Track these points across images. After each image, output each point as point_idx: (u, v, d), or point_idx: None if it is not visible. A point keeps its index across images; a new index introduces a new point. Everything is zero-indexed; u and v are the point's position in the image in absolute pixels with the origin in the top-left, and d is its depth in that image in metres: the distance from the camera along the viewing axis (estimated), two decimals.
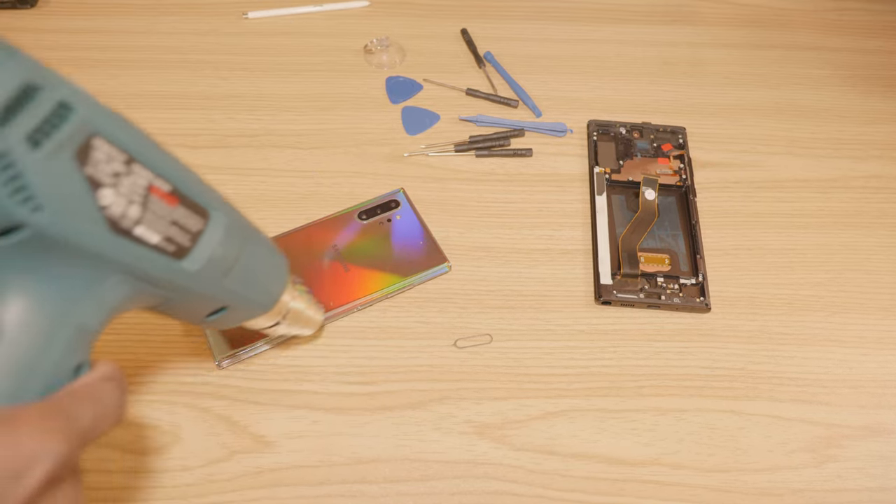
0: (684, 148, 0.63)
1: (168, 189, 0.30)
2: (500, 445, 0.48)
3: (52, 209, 0.24)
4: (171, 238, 0.30)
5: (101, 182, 0.26)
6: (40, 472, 0.20)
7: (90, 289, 0.27)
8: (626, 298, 0.54)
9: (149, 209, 0.28)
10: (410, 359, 0.51)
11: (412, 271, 0.54)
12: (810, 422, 0.50)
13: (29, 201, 0.23)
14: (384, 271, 0.54)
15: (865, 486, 0.48)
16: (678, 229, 0.58)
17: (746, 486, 0.47)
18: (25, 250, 0.25)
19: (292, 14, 0.72)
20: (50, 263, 0.26)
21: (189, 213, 0.31)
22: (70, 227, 0.25)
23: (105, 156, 0.26)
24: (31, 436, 0.20)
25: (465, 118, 0.64)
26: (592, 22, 0.74)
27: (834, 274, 0.57)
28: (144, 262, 0.29)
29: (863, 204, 0.62)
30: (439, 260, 0.55)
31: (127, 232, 0.28)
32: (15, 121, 0.23)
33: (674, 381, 0.51)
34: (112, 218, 0.27)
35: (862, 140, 0.66)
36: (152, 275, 0.30)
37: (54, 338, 0.26)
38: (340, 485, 0.46)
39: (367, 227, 0.56)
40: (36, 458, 0.20)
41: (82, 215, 0.25)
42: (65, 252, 0.26)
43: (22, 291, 0.26)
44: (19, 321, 0.26)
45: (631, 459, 0.48)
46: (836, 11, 0.77)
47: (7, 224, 0.24)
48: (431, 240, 0.56)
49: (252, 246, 0.35)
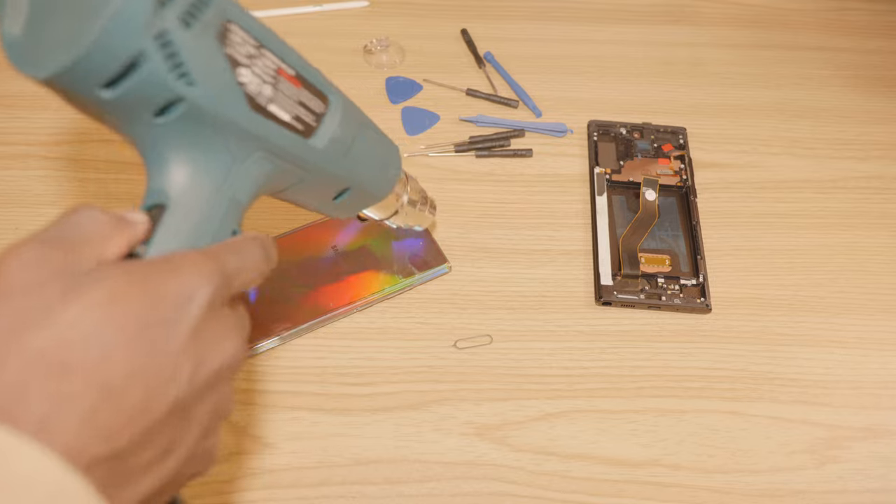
0: (685, 148, 0.63)
1: (293, 73, 0.33)
2: (500, 446, 0.48)
3: (204, 84, 0.27)
4: (299, 117, 0.33)
5: (238, 62, 0.29)
6: (202, 297, 0.26)
7: (238, 163, 0.31)
8: (627, 299, 0.54)
9: (279, 89, 0.31)
10: (410, 360, 0.51)
11: (412, 272, 0.54)
12: (811, 423, 0.50)
13: (185, 76, 0.26)
14: (384, 272, 0.54)
15: (866, 487, 0.48)
16: (679, 230, 0.58)
17: (747, 487, 0.47)
18: (183, 126, 0.28)
19: (291, 14, 0.72)
20: (204, 138, 0.29)
21: (311, 97, 0.34)
22: (219, 101, 0.28)
23: (240, 39, 0.29)
24: (190, 272, 0.26)
25: (465, 118, 0.64)
26: (593, 22, 0.74)
27: (835, 275, 0.57)
28: (280, 139, 0.32)
29: (864, 204, 0.62)
30: (439, 261, 0.54)
31: (263, 108, 0.31)
32: (171, 3, 0.25)
33: (674, 382, 0.51)
34: (250, 94, 0.30)
35: (863, 140, 0.66)
36: (287, 150, 0.33)
37: (214, 206, 0.30)
38: (340, 486, 0.46)
39: (367, 227, 0.56)
40: (197, 288, 0.26)
41: (227, 91, 0.28)
42: (214, 128, 0.29)
43: (184, 164, 0.29)
44: (184, 191, 0.29)
45: (631, 460, 0.48)
46: (837, 11, 0.76)
47: (169, 98, 0.27)
48: (431, 240, 0.55)
49: (366, 130, 0.39)
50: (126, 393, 0.23)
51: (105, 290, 0.24)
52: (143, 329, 0.24)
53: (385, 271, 0.54)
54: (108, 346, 0.23)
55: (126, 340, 0.23)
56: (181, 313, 0.25)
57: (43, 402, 0.22)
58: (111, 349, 0.23)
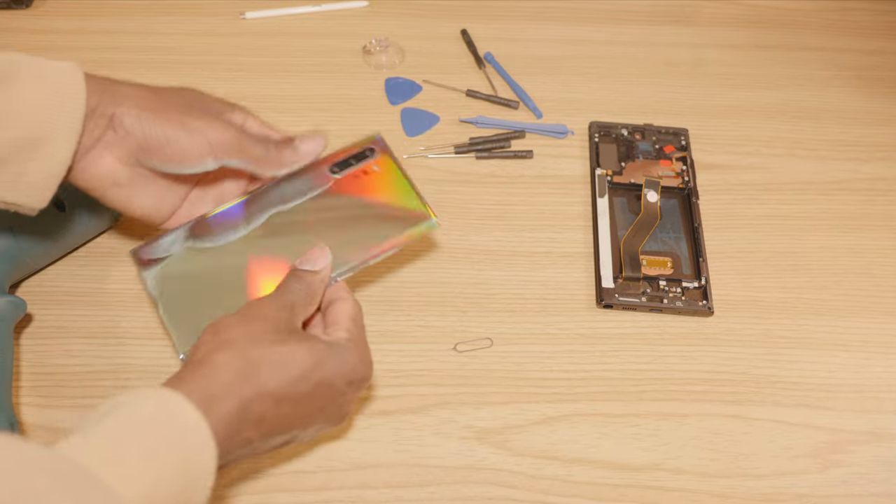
0: (687, 150, 0.63)
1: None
2: (501, 450, 0.48)
3: None
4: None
5: None
6: (353, 388, 0.40)
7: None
8: (628, 302, 0.53)
9: None
10: (410, 363, 0.51)
11: (397, 230, 0.45)
12: (814, 427, 0.50)
13: None
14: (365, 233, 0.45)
15: (870, 491, 0.47)
16: (680, 232, 0.58)
17: (750, 491, 0.47)
18: None
19: (290, 14, 0.71)
20: None
21: None
22: None
23: None
24: (353, 369, 0.39)
25: (465, 119, 0.64)
26: (594, 23, 0.73)
27: (838, 277, 0.57)
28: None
29: (867, 206, 0.61)
30: (425, 215, 0.45)
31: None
32: None
33: (676, 385, 0.51)
34: None
35: (866, 142, 0.65)
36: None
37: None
38: (339, 490, 0.45)
39: (342, 182, 0.46)
40: (354, 379, 0.40)
41: None
42: None
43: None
44: None
45: (633, 464, 0.48)
46: (839, 12, 0.76)
47: None
48: (416, 192, 0.46)
49: None
50: (274, 414, 0.36)
51: (306, 346, 0.37)
52: (314, 385, 0.37)
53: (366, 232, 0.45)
54: (287, 377, 0.36)
55: (300, 382, 0.36)
56: (337, 388, 0.39)
57: (219, 386, 0.34)
58: (288, 384, 0.36)
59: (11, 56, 0.37)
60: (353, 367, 0.39)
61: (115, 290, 0.53)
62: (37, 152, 0.37)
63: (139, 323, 0.51)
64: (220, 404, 0.34)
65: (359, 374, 0.39)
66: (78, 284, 0.53)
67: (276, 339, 0.37)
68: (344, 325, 0.40)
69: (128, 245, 0.54)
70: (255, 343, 0.36)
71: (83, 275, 0.53)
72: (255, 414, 0.35)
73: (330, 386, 0.38)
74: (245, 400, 0.34)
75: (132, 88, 0.41)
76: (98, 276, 0.53)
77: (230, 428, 0.34)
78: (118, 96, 0.40)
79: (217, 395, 0.34)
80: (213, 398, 0.33)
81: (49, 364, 0.49)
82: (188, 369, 0.35)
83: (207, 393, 0.34)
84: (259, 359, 0.35)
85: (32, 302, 0.51)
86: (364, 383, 0.40)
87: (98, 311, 0.52)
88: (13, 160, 0.37)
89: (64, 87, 0.37)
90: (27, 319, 0.51)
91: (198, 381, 0.34)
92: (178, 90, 0.43)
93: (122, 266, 0.54)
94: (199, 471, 0.32)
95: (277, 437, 0.37)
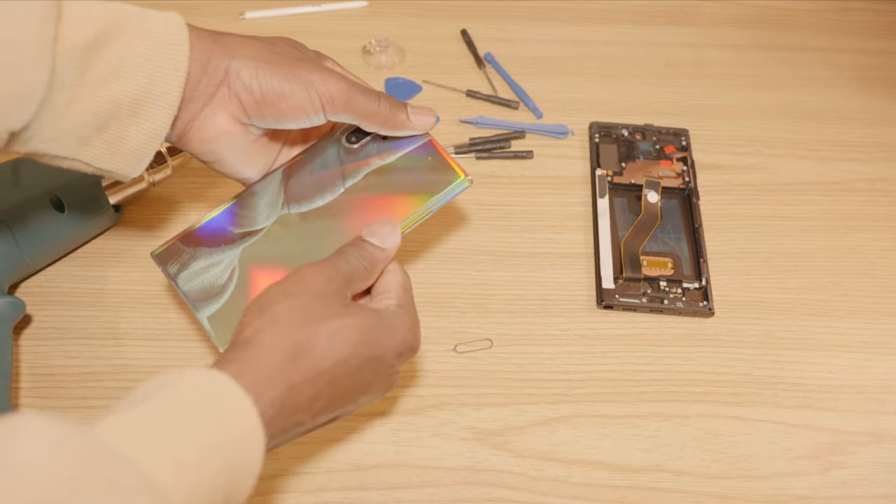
0: (687, 150, 0.62)
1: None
2: (501, 452, 0.47)
3: None
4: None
5: None
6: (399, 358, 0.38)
7: None
8: (629, 303, 0.53)
9: None
10: (410, 364, 0.51)
11: (431, 190, 0.43)
12: (815, 428, 0.50)
13: None
14: (396, 197, 0.43)
15: (871, 493, 0.47)
16: (681, 233, 0.58)
17: (750, 493, 0.47)
18: None
19: (290, 14, 0.71)
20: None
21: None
22: None
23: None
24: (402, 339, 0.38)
25: (465, 120, 0.64)
26: (594, 23, 0.73)
27: (839, 278, 0.57)
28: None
29: (868, 207, 0.61)
30: (455, 174, 0.43)
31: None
32: None
33: (677, 386, 0.51)
34: None
35: (867, 142, 0.65)
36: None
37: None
38: (339, 492, 0.45)
39: (361, 149, 0.44)
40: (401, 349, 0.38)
41: None
42: None
43: None
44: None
45: (633, 466, 0.47)
46: (839, 12, 0.76)
47: None
48: (441, 152, 0.44)
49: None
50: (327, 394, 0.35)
51: (356, 321, 0.35)
52: (365, 361, 0.35)
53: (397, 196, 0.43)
54: (338, 356, 0.34)
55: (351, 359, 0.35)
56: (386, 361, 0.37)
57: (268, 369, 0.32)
58: (339, 363, 0.34)
59: (115, 6, 0.35)
60: (402, 339, 0.37)
61: (114, 291, 0.52)
62: (137, 115, 0.35)
63: (138, 324, 0.51)
64: (270, 388, 0.32)
65: (407, 344, 0.37)
66: (77, 285, 0.52)
67: (325, 314, 0.34)
68: (395, 293, 0.38)
69: (127, 245, 0.54)
70: (304, 320, 0.34)
71: (82, 275, 0.53)
72: (307, 396, 0.34)
73: (380, 360, 0.36)
74: (295, 383, 0.33)
75: (243, 39, 0.39)
76: (97, 276, 0.53)
77: (280, 412, 0.32)
78: (230, 47, 0.38)
79: (266, 378, 0.32)
80: (261, 382, 0.32)
81: (48, 365, 0.49)
82: (235, 350, 0.33)
83: (256, 377, 0.32)
84: (308, 339, 0.34)
85: (31, 303, 0.51)
86: (412, 353, 0.38)
87: (97, 311, 0.51)
88: (113, 125, 0.35)
89: (168, 46, 0.35)
90: (26, 320, 0.51)
91: (246, 363, 0.32)
92: (285, 39, 0.41)
93: (121, 267, 0.54)
94: (245, 459, 0.30)
95: (328, 415, 0.36)
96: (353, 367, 0.35)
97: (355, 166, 0.44)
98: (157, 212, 0.56)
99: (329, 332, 0.34)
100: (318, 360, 0.34)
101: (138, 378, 0.49)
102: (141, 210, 0.56)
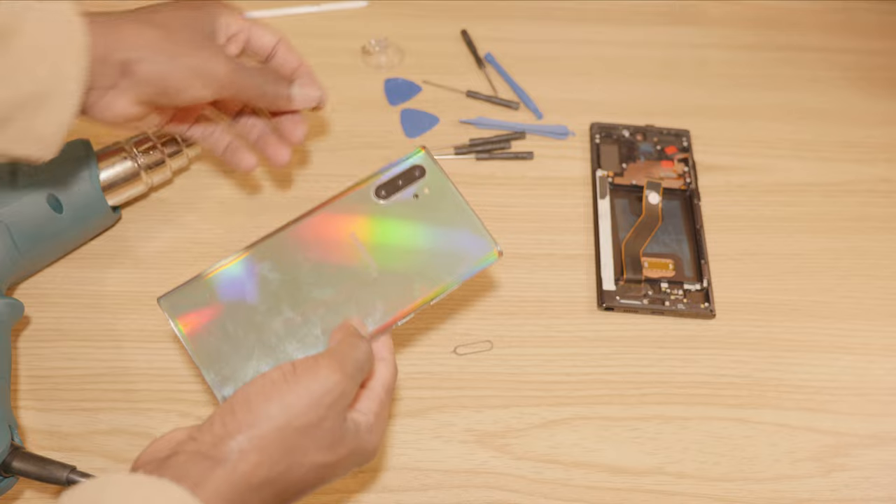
0: (689, 151, 0.62)
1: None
2: (501, 454, 0.47)
3: None
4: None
5: None
6: None
7: None
8: (630, 304, 0.53)
9: None
10: (409, 366, 0.50)
11: (458, 265, 0.40)
12: (817, 430, 0.49)
13: None
14: (422, 269, 0.40)
15: (873, 495, 0.47)
16: (682, 234, 0.57)
17: (752, 495, 0.47)
18: None
19: (289, 14, 0.71)
20: None
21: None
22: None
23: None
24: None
25: (465, 121, 0.64)
26: (595, 23, 0.73)
27: (841, 279, 0.57)
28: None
29: (870, 208, 0.61)
30: (486, 246, 0.40)
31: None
32: None
33: (678, 388, 0.51)
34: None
35: (869, 143, 0.65)
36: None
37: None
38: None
39: (390, 208, 0.41)
40: None
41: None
42: None
43: None
44: None
45: (634, 468, 0.47)
46: (842, 12, 0.76)
47: None
48: (473, 217, 0.41)
49: None
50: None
51: (337, 458, 0.35)
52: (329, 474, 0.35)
53: (423, 267, 0.40)
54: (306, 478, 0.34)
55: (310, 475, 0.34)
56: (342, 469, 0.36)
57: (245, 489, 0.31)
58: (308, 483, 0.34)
59: (14, 5, 0.36)
60: (365, 454, 0.36)
61: (112, 293, 0.52)
62: (42, 108, 0.37)
63: (137, 325, 0.51)
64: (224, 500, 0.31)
65: (367, 457, 0.36)
66: (75, 286, 0.52)
67: (316, 446, 0.33)
68: (377, 398, 0.37)
69: (127, 246, 0.54)
70: (290, 449, 0.33)
71: (81, 277, 0.53)
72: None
73: (334, 471, 0.35)
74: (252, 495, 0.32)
75: (139, 28, 0.40)
76: (96, 278, 0.53)
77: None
78: (127, 40, 0.39)
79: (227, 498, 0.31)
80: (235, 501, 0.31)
81: (47, 367, 0.49)
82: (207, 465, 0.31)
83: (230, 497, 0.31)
84: (286, 471, 0.33)
85: (30, 304, 0.51)
86: (365, 465, 0.37)
87: (96, 313, 0.51)
88: (18, 117, 0.37)
89: (67, 38, 0.37)
90: (25, 322, 0.51)
91: (221, 485, 0.31)
92: (177, 13, 0.43)
93: (119, 268, 0.53)
94: None
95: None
96: (310, 479, 0.34)
97: (382, 227, 0.40)
98: (156, 213, 0.56)
99: (308, 467, 0.33)
100: (285, 485, 0.33)
101: (138, 378, 0.49)
102: (139, 211, 0.56)
